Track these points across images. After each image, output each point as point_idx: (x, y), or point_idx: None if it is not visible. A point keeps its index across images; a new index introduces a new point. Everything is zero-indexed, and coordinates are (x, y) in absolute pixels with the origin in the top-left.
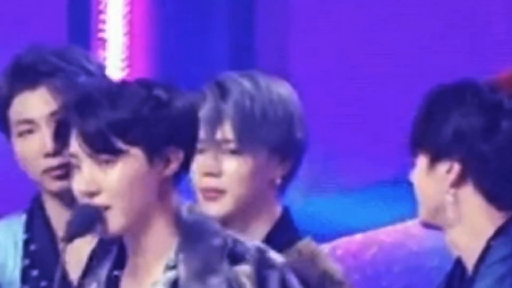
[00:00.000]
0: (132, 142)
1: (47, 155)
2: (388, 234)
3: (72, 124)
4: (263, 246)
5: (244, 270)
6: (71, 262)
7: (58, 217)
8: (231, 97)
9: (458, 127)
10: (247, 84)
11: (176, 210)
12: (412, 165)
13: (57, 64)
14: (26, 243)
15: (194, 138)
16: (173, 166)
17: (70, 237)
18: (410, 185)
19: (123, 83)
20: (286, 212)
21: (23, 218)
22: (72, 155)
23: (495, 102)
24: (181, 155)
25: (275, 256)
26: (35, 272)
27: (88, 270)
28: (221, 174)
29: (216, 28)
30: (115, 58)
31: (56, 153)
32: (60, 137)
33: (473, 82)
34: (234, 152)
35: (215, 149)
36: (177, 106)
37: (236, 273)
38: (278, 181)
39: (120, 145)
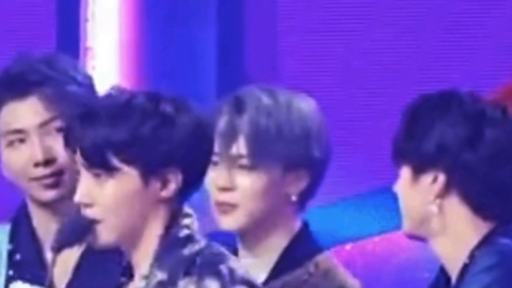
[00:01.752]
0: (128, 161)
1: (37, 164)
2: (378, 244)
3: (74, 135)
4: (223, 259)
5: (190, 282)
6: (56, 272)
7: (45, 227)
8: (247, 112)
9: (442, 137)
10: (265, 99)
11: (168, 225)
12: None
13: (46, 73)
14: (11, 253)
15: (199, 159)
16: (171, 188)
17: (60, 246)
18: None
19: (131, 96)
20: (305, 226)
21: (7, 228)
22: (78, 164)
23: (479, 111)
24: (180, 177)
25: (228, 269)
26: (20, 283)
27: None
28: (235, 188)
29: (204, 35)
30: (103, 66)
31: (46, 162)
32: (68, 145)
33: (456, 92)
34: (247, 167)
35: (229, 164)
36: (182, 126)
37: (184, 284)
38: (294, 197)
39: (115, 163)
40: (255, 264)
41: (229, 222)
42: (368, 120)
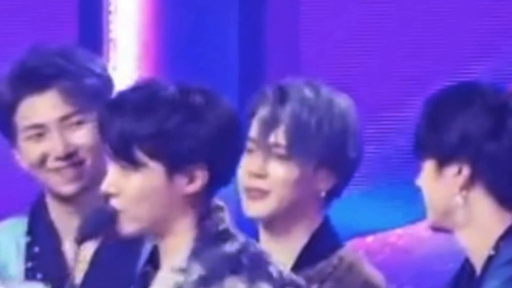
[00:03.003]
0: (153, 156)
1: (58, 158)
2: (399, 236)
3: (102, 126)
4: (269, 260)
5: (239, 281)
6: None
7: (63, 219)
8: (290, 104)
9: (465, 128)
10: (308, 93)
11: (201, 217)
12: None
13: (63, 66)
14: (29, 245)
15: (227, 156)
16: (197, 184)
17: (83, 238)
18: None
19: (160, 88)
20: (326, 220)
21: (25, 220)
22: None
23: (501, 102)
24: (206, 173)
25: (276, 270)
26: (38, 275)
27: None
28: (267, 176)
29: (227, 26)
30: (126, 58)
31: (67, 156)
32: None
33: (477, 84)
34: (283, 157)
35: (265, 151)
36: (211, 121)
37: (232, 283)
38: (323, 194)
39: (141, 157)
40: (276, 255)
41: (258, 209)
42: (389, 116)
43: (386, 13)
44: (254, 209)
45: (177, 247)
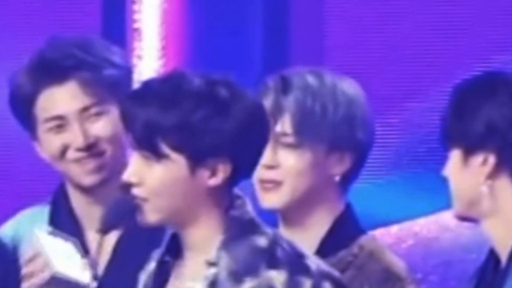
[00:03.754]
0: (176, 149)
1: (79, 149)
2: (424, 226)
3: (125, 115)
4: (304, 252)
5: (278, 275)
6: (95, 253)
7: (84, 209)
8: (293, 92)
9: (490, 118)
10: (311, 79)
11: (225, 208)
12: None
13: (82, 57)
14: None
15: (251, 149)
16: (219, 178)
17: (107, 228)
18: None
19: (185, 79)
20: (348, 208)
21: (46, 209)
22: None
23: None
24: (229, 167)
25: (314, 264)
26: None
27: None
28: (279, 166)
29: (250, 16)
30: (150, 48)
31: (87, 147)
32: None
33: (502, 73)
34: (292, 146)
35: (273, 142)
36: (236, 115)
37: (270, 278)
38: (338, 178)
39: (163, 148)
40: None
41: (272, 200)
42: (414, 108)
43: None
44: (269, 200)
45: (204, 239)
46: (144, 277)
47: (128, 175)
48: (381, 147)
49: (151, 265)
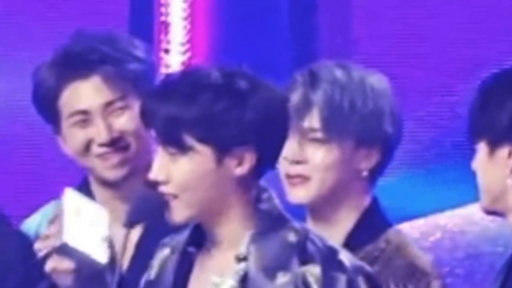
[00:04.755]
0: (200, 140)
1: (102, 144)
2: (450, 219)
3: (148, 112)
4: (336, 246)
5: (312, 270)
6: (118, 248)
7: (108, 204)
8: (321, 86)
9: None
10: (339, 74)
11: (253, 201)
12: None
13: (107, 51)
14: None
15: (273, 137)
16: (245, 167)
17: (133, 223)
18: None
19: (204, 74)
20: (374, 202)
21: None
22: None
23: None
24: (254, 156)
25: (347, 259)
26: None
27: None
28: (307, 161)
29: (278, 9)
30: (177, 41)
31: (111, 142)
32: (144, 122)
33: None
34: (320, 141)
35: (300, 137)
36: (258, 104)
37: (303, 273)
38: (365, 173)
39: (188, 141)
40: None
41: (300, 195)
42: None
43: None
44: (296, 195)
45: (232, 234)
46: (157, 262)
47: (155, 173)
48: (408, 140)
49: (165, 252)
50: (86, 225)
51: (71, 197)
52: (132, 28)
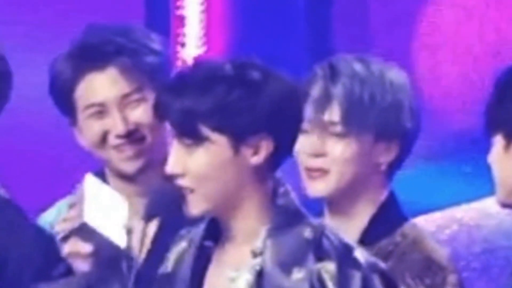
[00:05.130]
0: (217, 130)
1: (119, 136)
2: (467, 212)
3: (162, 105)
4: (351, 243)
5: (328, 267)
6: (135, 241)
7: (123, 195)
8: (341, 80)
9: None
10: (358, 67)
11: (269, 195)
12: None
13: (123, 43)
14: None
15: (288, 126)
16: (262, 155)
17: (151, 216)
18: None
19: (216, 65)
20: (391, 196)
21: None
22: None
23: None
24: (270, 144)
25: (362, 256)
26: None
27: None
28: (326, 154)
29: (294, 2)
30: (193, 35)
31: (128, 134)
32: (157, 115)
33: None
34: (339, 134)
35: (320, 130)
36: (271, 92)
37: (318, 269)
38: (384, 167)
39: (204, 131)
40: (341, 232)
41: (319, 188)
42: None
43: None
44: (316, 188)
45: (248, 228)
46: (174, 255)
47: (171, 167)
48: (424, 134)
49: (182, 245)
50: (106, 209)
51: (91, 181)
52: (148, 22)
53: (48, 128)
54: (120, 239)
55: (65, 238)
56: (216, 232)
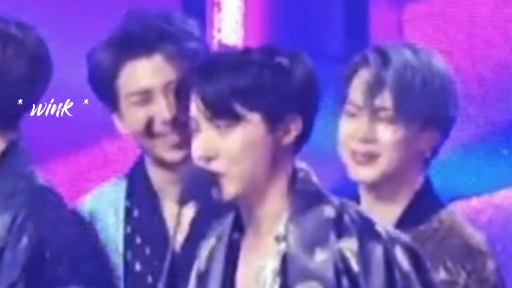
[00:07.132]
0: (253, 108)
1: (165, 122)
2: (504, 197)
3: (193, 88)
4: (372, 218)
5: (349, 245)
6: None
7: (163, 185)
8: (393, 66)
9: None
10: (408, 54)
11: (291, 179)
12: None
13: (166, 29)
14: (128, 210)
15: (313, 107)
16: (292, 134)
17: (186, 200)
18: None
19: (245, 50)
20: (427, 182)
21: (123, 184)
22: (192, 120)
23: None
24: (300, 123)
25: (383, 229)
26: (138, 239)
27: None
28: (376, 140)
29: None
30: (230, 21)
31: (173, 120)
32: (180, 101)
33: None
34: (390, 120)
35: (370, 115)
36: (298, 74)
37: (340, 249)
38: (428, 154)
39: (240, 110)
40: (378, 218)
41: (366, 173)
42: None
43: None
44: (364, 173)
45: (271, 215)
46: (205, 253)
47: (203, 150)
48: (461, 119)
49: (211, 242)
50: None
51: None
52: (184, 8)
53: (87, 118)
54: None
55: None
56: (241, 223)
